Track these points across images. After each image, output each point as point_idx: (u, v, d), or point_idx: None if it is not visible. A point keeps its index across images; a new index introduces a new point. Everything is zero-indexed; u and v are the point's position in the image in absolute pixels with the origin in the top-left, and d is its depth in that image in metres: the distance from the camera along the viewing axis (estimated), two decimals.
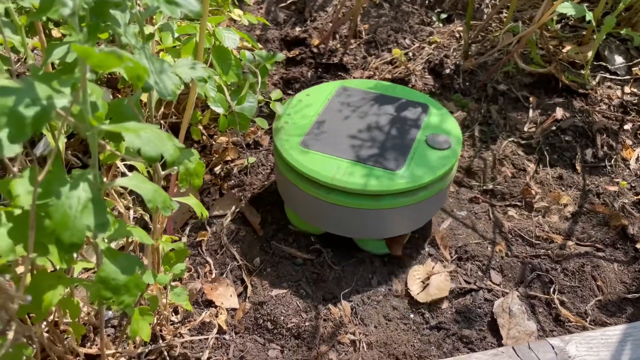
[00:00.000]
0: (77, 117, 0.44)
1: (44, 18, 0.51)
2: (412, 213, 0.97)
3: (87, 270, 0.94)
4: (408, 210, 0.95)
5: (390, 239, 1.04)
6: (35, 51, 1.34)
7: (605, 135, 1.29)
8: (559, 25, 1.62)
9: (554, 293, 0.98)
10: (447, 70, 1.49)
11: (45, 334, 0.73)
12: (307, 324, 0.93)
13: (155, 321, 0.88)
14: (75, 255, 0.67)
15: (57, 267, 0.67)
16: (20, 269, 0.76)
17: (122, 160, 0.88)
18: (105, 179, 0.81)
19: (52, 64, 0.81)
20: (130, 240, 0.86)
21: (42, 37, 0.79)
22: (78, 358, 0.82)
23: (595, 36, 1.37)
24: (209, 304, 0.96)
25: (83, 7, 0.51)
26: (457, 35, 1.61)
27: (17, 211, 0.50)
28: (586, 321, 0.94)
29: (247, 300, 0.97)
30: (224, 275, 1.01)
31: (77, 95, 0.42)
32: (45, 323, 0.74)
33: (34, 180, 0.48)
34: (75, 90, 0.42)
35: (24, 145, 0.56)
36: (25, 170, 0.49)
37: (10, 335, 0.48)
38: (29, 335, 0.60)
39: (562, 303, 0.96)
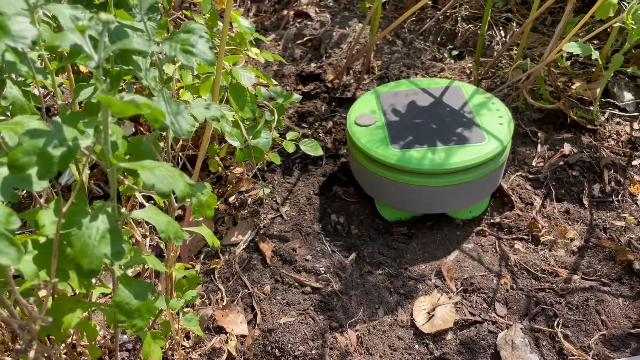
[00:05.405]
0: (99, 156, 0.49)
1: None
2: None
3: (104, 295, 0.99)
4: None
5: None
6: (62, 85, 1.42)
7: (612, 170, 1.31)
8: (568, 62, 1.65)
9: (557, 326, 0.99)
10: None
11: (64, 356, 0.77)
12: (313, 352, 0.95)
13: (167, 345, 0.91)
14: (93, 280, 0.71)
15: (77, 292, 0.71)
16: (42, 293, 0.81)
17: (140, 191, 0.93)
18: (124, 209, 0.86)
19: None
20: (146, 267, 0.90)
21: (71, 76, 0.85)
22: None
23: (604, 73, 1.40)
24: (220, 330, 0.99)
25: (109, 54, 0.57)
26: (468, 71, 1.65)
27: (42, 239, 0.55)
28: (589, 355, 0.95)
29: (256, 327, 1.00)
30: (235, 303, 1.04)
31: (99, 137, 0.47)
32: (63, 344, 0.78)
33: (58, 212, 0.53)
34: (98, 132, 0.47)
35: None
36: (51, 202, 0.54)
37: (32, 354, 0.52)
38: (48, 356, 0.64)
39: (565, 337, 0.98)
